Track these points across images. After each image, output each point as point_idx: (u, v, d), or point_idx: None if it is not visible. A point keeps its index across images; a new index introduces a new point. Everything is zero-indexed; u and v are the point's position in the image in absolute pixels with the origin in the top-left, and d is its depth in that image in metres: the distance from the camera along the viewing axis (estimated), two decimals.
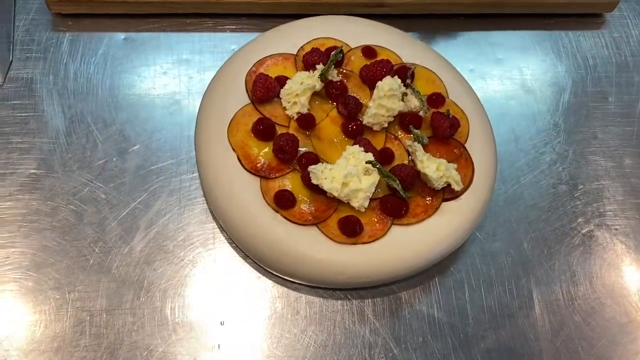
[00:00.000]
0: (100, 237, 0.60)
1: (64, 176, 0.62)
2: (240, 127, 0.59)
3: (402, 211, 0.57)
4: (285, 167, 0.58)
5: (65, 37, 0.69)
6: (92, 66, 0.67)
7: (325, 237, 0.56)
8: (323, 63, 0.61)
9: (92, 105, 0.65)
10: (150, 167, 0.63)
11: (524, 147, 0.69)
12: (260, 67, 0.62)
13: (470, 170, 0.60)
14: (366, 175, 0.57)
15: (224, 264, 0.60)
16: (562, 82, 0.73)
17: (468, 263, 0.62)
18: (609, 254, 0.64)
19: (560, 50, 0.76)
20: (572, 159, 0.69)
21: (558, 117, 0.71)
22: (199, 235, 0.61)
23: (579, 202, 0.66)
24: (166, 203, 0.62)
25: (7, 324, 0.55)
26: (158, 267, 0.59)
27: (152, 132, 0.65)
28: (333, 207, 0.57)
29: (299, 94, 0.59)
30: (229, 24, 0.71)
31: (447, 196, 0.59)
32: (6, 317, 0.56)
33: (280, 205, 0.56)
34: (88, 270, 0.58)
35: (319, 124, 0.61)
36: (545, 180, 0.67)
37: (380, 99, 0.59)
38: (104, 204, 0.61)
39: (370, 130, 0.61)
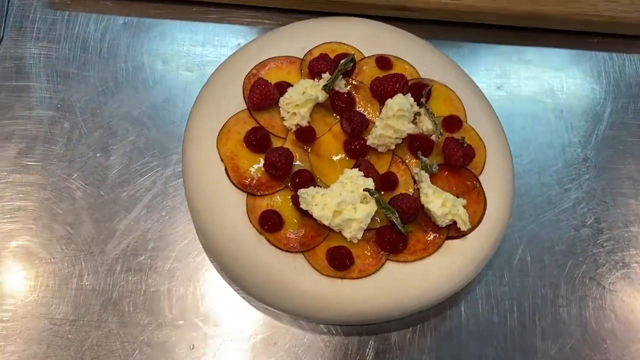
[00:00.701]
0: (73, 238, 0.55)
1: (43, 169, 0.58)
2: (231, 135, 0.54)
3: (400, 246, 0.51)
4: (276, 184, 0.53)
5: (62, 16, 0.64)
6: (86, 51, 0.63)
7: (311, 267, 0.51)
8: (330, 72, 0.55)
9: (81, 93, 0.61)
10: (134, 166, 0.58)
11: (548, 181, 0.62)
12: (262, 70, 0.56)
13: (482, 207, 0.54)
14: (363, 203, 0.51)
15: (203, 282, 0.55)
16: (599, 111, 0.66)
17: (470, 306, 0.57)
18: (628, 312, 0.57)
19: (601, 73, 0.68)
20: (600, 200, 0.62)
21: (590, 150, 0.64)
22: (180, 248, 0.56)
23: (602, 250, 0.60)
24: (147, 208, 0.57)
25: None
26: (131, 278, 0.55)
27: (141, 128, 0.60)
28: (323, 235, 0.52)
29: (300, 105, 0.54)
30: (237, 15, 0.66)
31: (452, 234, 0.53)
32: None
33: (265, 227, 0.51)
34: (55, 274, 0.54)
35: (319, 138, 0.55)
36: (567, 220, 0.60)
37: (388, 119, 0.53)
38: (81, 202, 0.57)
39: (375, 151, 0.55)
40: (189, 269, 0.55)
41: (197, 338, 0.53)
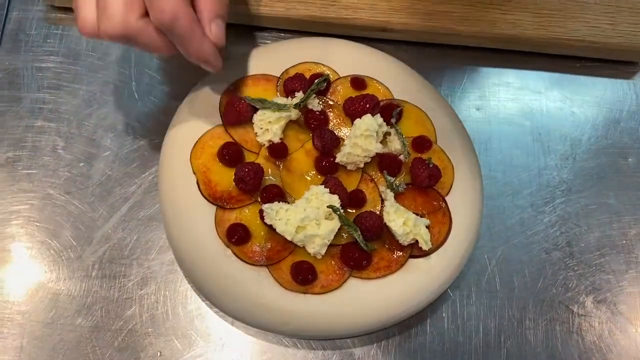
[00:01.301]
0: (52, 245, 0.58)
1: (28, 176, 0.60)
2: (205, 149, 0.56)
3: (363, 263, 0.52)
4: (245, 198, 0.54)
5: (56, 30, 0.67)
6: (77, 64, 0.65)
7: (275, 281, 0.52)
8: (304, 91, 0.57)
9: (70, 104, 0.63)
10: (115, 176, 0.60)
11: (521, 204, 0.62)
12: (239, 87, 0.58)
13: (447, 227, 0.55)
14: (328, 219, 0.52)
15: (174, 292, 0.57)
16: (577, 134, 0.66)
17: (435, 325, 0.57)
18: (596, 337, 0.57)
19: (582, 97, 0.68)
20: (574, 224, 0.62)
21: (566, 174, 0.64)
22: (154, 258, 0.58)
23: (573, 274, 0.60)
24: (125, 218, 0.59)
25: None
26: (105, 285, 0.57)
27: (125, 140, 0.62)
28: (289, 249, 0.53)
29: (272, 122, 0.55)
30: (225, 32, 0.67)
31: (415, 253, 0.54)
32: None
33: (231, 240, 0.52)
34: (32, 278, 0.56)
35: (291, 154, 0.57)
36: (539, 243, 0.61)
37: (357, 138, 0.54)
38: (62, 210, 0.59)
39: (345, 168, 0.56)
40: (162, 279, 0.57)
41: (164, 347, 0.55)
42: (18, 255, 0.57)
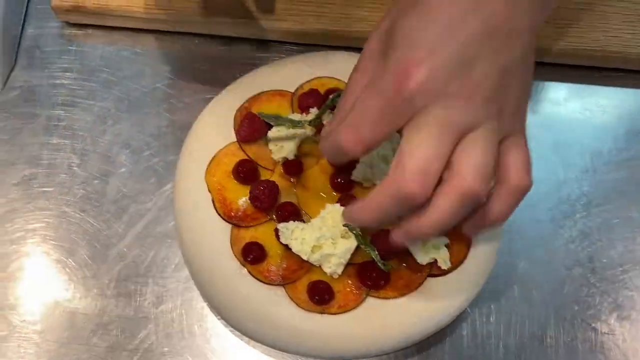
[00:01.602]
0: (67, 263, 0.58)
1: (44, 194, 0.60)
2: (220, 166, 0.55)
3: (381, 283, 0.52)
4: (261, 216, 0.54)
5: (71, 47, 0.67)
6: (92, 80, 0.65)
7: (291, 301, 0.51)
8: (318, 107, 0.56)
9: (85, 121, 0.63)
10: (130, 194, 0.60)
11: (541, 218, 0.61)
12: (254, 104, 0.58)
13: (466, 245, 0.54)
14: (344, 238, 0.51)
15: (190, 311, 0.56)
16: (598, 146, 0.65)
17: (454, 343, 0.56)
18: (619, 356, 0.56)
19: (603, 108, 0.67)
20: (595, 239, 0.60)
21: (586, 187, 0.63)
22: (169, 276, 0.58)
23: (595, 290, 0.58)
24: (140, 235, 0.59)
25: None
26: (121, 303, 0.56)
27: (139, 156, 0.62)
28: (305, 268, 0.52)
29: (287, 139, 0.55)
30: (238, 47, 0.67)
31: (434, 271, 0.53)
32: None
33: (247, 259, 0.52)
34: (48, 297, 0.56)
35: (306, 171, 0.56)
36: (559, 259, 0.60)
37: (372, 156, 0.53)
38: (77, 228, 0.59)
39: (361, 185, 0.55)
40: (178, 297, 0.57)
41: None
42: (34, 274, 0.57)
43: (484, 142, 0.38)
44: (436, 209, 0.39)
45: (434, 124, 0.38)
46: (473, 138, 0.38)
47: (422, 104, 0.38)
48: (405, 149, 0.38)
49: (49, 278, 0.57)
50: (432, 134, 0.38)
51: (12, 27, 0.66)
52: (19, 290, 0.57)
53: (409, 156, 0.38)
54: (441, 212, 0.39)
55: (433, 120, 0.38)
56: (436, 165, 0.38)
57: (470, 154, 0.38)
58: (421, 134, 0.38)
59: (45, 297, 0.57)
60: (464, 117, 0.38)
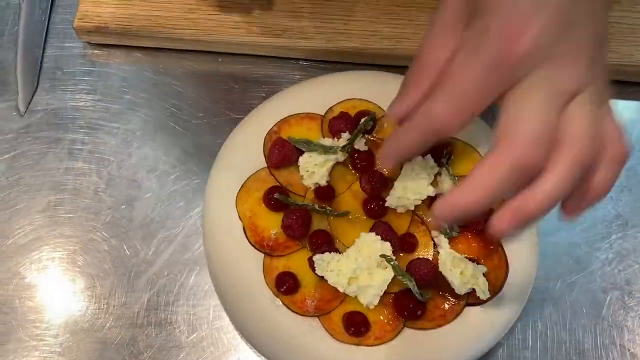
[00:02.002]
0: (95, 291, 0.57)
1: (70, 220, 0.59)
2: (251, 193, 0.54)
3: (418, 313, 0.51)
4: (293, 245, 0.53)
5: (94, 68, 0.66)
6: (115, 102, 0.64)
7: (326, 332, 0.50)
8: (350, 131, 0.55)
9: (109, 144, 0.62)
10: (157, 219, 0.59)
11: (576, 240, 0.60)
12: (283, 127, 0.57)
13: (504, 272, 0.52)
14: (380, 268, 0.50)
15: (223, 339, 0.56)
16: (633, 164, 0.63)
17: None
18: None
19: (638, 125, 0.65)
20: (632, 261, 0.59)
21: (622, 207, 0.61)
22: (200, 303, 0.57)
23: (634, 314, 0.57)
24: (168, 262, 0.58)
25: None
26: (151, 332, 0.56)
27: (166, 180, 0.61)
28: (340, 298, 0.51)
29: (319, 165, 0.54)
30: (262, 65, 0.66)
31: (472, 300, 0.51)
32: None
33: (280, 289, 0.51)
34: (77, 326, 0.56)
35: (338, 197, 0.55)
36: (596, 282, 0.58)
37: (407, 182, 0.52)
38: (105, 255, 0.58)
39: (394, 210, 0.54)
40: (209, 325, 0.56)
41: None
42: (61, 303, 0.57)
43: (590, 106, 0.36)
44: (549, 179, 0.36)
45: (543, 89, 0.36)
46: (580, 102, 0.36)
47: (530, 68, 0.36)
48: (514, 116, 0.36)
49: (77, 307, 0.56)
50: (542, 99, 0.36)
51: (34, 49, 0.66)
52: (47, 320, 0.56)
53: (521, 123, 0.36)
54: (554, 182, 0.36)
55: (541, 85, 0.36)
56: (549, 131, 0.36)
57: (579, 120, 0.36)
58: (530, 99, 0.36)
59: (74, 327, 0.56)
60: (571, 80, 0.36)
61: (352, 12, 0.64)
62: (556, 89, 0.36)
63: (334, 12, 0.64)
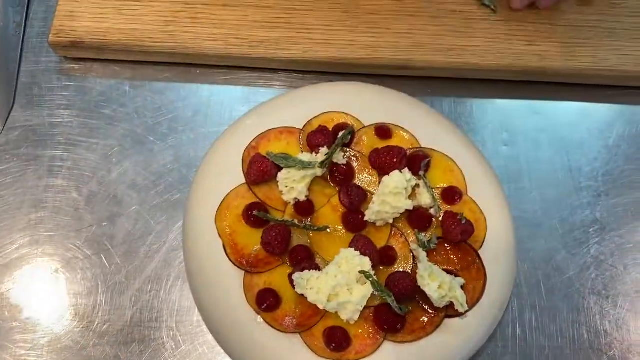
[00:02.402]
0: (78, 309, 0.57)
1: (51, 239, 0.59)
2: (230, 210, 0.55)
3: (398, 326, 0.51)
4: (274, 261, 0.53)
5: (70, 82, 0.65)
6: (93, 117, 0.64)
7: (308, 348, 0.51)
8: (328, 146, 0.55)
9: (89, 161, 0.62)
10: (139, 234, 0.59)
11: (554, 246, 0.60)
12: (261, 142, 0.57)
13: (482, 283, 0.53)
14: (359, 283, 0.51)
15: (205, 355, 0.56)
16: (611, 168, 0.64)
17: None
18: None
19: (615, 128, 0.66)
20: (611, 265, 0.60)
21: (599, 212, 0.62)
22: (182, 320, 0.57)
23: (611, 318, 0.58)
24: (150, 278, 0.58)
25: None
26: (135, 349, 0.56)
27: (146, 195, 0.61)
28: (321, 314, 0.52)
29: (297, 180, 0.54)
30: (242, 77, 0.66)
31: (451, 312, 0.52)
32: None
33: (262, 307, 0.51)
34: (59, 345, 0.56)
35: (318, 211, 0.55)
36: (574, 287, 0.59)
37: (385, 196, 0.52)
38: (87, 273, 0.58)
39: (374, 224, 0.54)
40: (192, 342, 0.56)
41: None
42: (46, 322, 0.57)
43: None
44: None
45: None
46: None
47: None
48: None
49: (61, 326, 0.57)
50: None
51: (10, 64, 0.65)
52: (31, 340, 0.56)
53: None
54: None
55: None
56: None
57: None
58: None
59: (57, 346, 0.56)
60: None
61: (330, 21, 0.64)
62: None
63: (311, 22, 0.64)
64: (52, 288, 0.58)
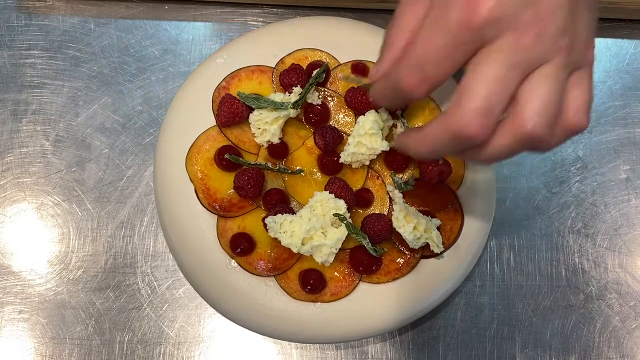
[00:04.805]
0: (54, 256, 0.56)
1: (18, 186, 0.58)
2: (201, 154, 0.53)
3: (373, 268, 0.51)
4: (247, 205, 0.52)
5: (32, 21, 0.62)
6: (58, 58, 0.61)
7: (283, 291, 0.51)
8: (302, 85, 0.53)
9: (55, 104, 0.60)
10: (109, 179, 0.58)
11: (535, 185, 0.60)
12: (232, 82, 0.54)
13: (459, 223, 0.52)
14: (334, 226, 0.50)
15: (177, 300, 0.56)
16: (595, 104, 0.62)
17: (448, 317, 0.56)
18: (612, 325, 0.56)
19: (600, 62, 0.63)
20: (591, 204, 0.59)
21: (582, 149, 0.61)
22: (156, 264, 0.56)
23: (589, 257, 0.58)
24: (123, 223, 0.57)
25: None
26: (111, 295, 0.55)
27: (115, 139, 0.59)
28: (296, 257, 0.51)
29: (270, 122, 0.52)
30: (211, 12, 0.62)
31: (427, 253, 0.52)
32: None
33: (235, 251, 0.51)
34: (35, 291, 0.55)
35: (292, 153, 0.54)
36: (553, 226, 0.59)
37: (361, 137, 0.51)
38: (59, 220, 0.57)
39: (350, 166, 0.53)
40: (167, 286, 0.56)
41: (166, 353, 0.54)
42: (17, 270, 0.56)
43: (552, 79, 0.35)
44: (494, 146, 0.36)
45: (502, 59, 0.34)
46: (542, 74, 0.35)
47: (492, 35, 0.34)
48: (468, 85, 0.35)
49: (33, 274, 0.56)
50: (499, 69, 0.34)
51: None
52: (3, 287, 0.55)
53: (471, 94, 0.35)
54: (498, 151, 0.37)
55: (501, 54, 0.34)
56: (499, 105, 0.35)
57: (537, 93, 0.35)
58: (487, 69, 0.35)
59: (30, 292, 0.55)
60: (534, 50, 0.35)
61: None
62: (517, 58, 0.35)
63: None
64: (23, 235, 0.57)
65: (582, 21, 0.36)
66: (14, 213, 0.57)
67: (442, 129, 0.37)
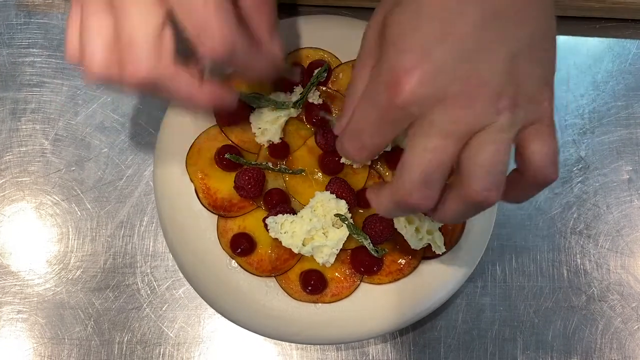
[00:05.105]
0: (52, 256, 0.56)
1: (16, 185, 0.57)
2: (202, 153, 0.52)
3: (374, 268, 0.50)
4: (247, 205, 0.52)
5: (32, 19, 0.61)
6: (58, 56, 0.60)
7: (284, 292, 0.50)
8: (303, 85, 0.52)
9: (55, 103, 0.59)
10: (109, 179, 0.57)
11: None
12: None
13: (461, 225, 0.52)
14: (336, 227, 0.50)
15: (178, 302, 0.55)
16: (597, 105, 0.62)
17: (449, 318, 0.56)
18: (620, 323, 0.56)
19: (602, 62, 0.63)
20: (593, 204, 0.59)
21: (584, 150, 0.60)
22: (156, 265, 0.56)
23: (591, 257, 0.58)
24: (123, 223, 0.57)
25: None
26: (110, 295, 0.55)
27: (115, 138, 0.58)
28: (296, 257, 0.51)
29: (271, 121, 0.52)
30: None
31: (428, 254, 0.51)
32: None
33: (236, 251, 0.50)
34: (35, 292, 0.55)
35: (293, 153, 0.53)
36: (555, 227, 0.58)
37: None
38: (58, 219, 0.56)
39: (351, 166, 0.53)
40: (167, 287, 0.55)
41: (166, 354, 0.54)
42: (16, 270, 0.56)
43: (493, 143, 0.35)
44: (447, 211, 0.37)
45: (435, 131, 0.34)
46: (481, 139, 0.35)
47: (421, 111, 0.34)
48: (406, 158, 0.35)
49: (32, 274, 0.55)
50: (433, 141, 0.34)
51: None
52: (1, 287, 0.55)
53: (409, 167, 0.35)
54: (453, 214, 0.37)
55: (433, 128, 0.34)
56: (438, 174, 0.35)
57: (478, 157, 0.35)
58: (421, 141, 0.35)
59: (29, 292, 0.55)
60: (466, 119, 0.34)
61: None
62: (449, 130, 0.34)
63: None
64: (22, 235, 0.56)
65: (526, 80, 0.35)
66: (13, 212, 0.57)
67: (389, 199, 0.37)
